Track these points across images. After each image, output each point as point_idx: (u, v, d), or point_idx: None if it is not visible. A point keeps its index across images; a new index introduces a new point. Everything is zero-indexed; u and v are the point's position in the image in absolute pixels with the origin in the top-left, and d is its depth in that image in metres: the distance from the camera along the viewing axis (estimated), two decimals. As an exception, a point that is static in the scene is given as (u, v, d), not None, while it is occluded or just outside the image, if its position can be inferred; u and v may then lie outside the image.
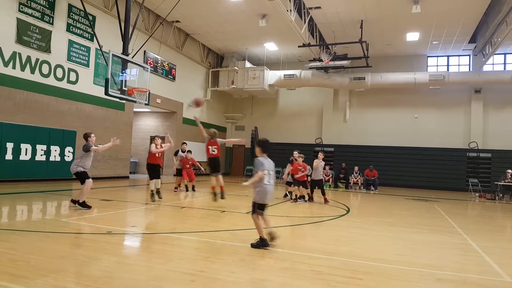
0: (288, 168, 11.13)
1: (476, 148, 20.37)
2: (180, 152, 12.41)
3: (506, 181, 15.41)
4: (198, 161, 12.87)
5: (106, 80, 11.04)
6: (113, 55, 11.32)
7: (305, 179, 10.80)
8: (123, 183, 14.30)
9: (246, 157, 24.70)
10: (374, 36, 18.36)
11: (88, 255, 4.21)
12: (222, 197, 9.16)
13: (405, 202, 12.90)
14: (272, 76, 21.85)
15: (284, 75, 21.55)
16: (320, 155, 11.01)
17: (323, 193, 10.75)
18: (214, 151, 9.31)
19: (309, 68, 20.24)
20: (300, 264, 4.32)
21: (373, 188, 17.47)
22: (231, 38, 20.20)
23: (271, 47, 21.14)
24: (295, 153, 10.98)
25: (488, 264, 4.77)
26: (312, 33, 18.09)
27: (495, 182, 16.46)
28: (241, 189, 14.14)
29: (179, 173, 12.18)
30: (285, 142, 23.64)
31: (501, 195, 15.59)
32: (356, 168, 18.57)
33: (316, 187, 10.94)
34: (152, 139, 8.27)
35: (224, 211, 8.25)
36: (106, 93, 11.12)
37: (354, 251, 5.21)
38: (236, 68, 21.87)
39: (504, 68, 20.57)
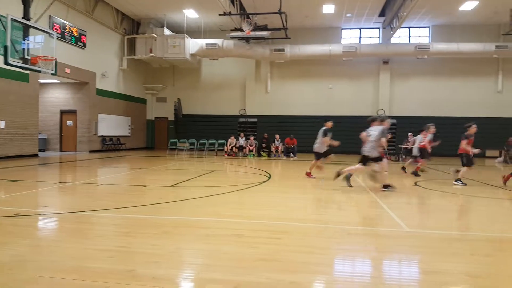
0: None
1: (384, 115, 22.31)
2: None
3: (408, 144, 17.24)
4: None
5: (5, 48, 10.08)
6: (12, 19, 10.24)
7: None
8: (31, 162, 13.10)
9: (170, 130, 24.12)
10: (292, 7, 18.68)
11: (-8, 240, 3.86)
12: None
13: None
14: (194, 45, 21.20)
15: (206, 44, 21.03)
16: (423, 133, 10.45)
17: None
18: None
19: (231, 37, 20.04)
20: (223, 230, 4.46)
21: (292, 155, 18.37)
22: (147, 2, 19.00)
23: (191, 14, 20.36)
24: None
25: (392, 218, 5.39)
26: (232, 2, 17.81)
27: (399, 145, 18.32)
28: (164, 163, 13.91)
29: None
30: (209, 114, 23.51)
31: (404, 156, 17.43)
32: (277, 136, 19.29)
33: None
34: None
35: (146, 186, 8.07)
36: (6, 62, 10.25)
37: (274, 214, 5.50)
38: (154, 35, 20.75)
39: (409, 41, 22.41)
